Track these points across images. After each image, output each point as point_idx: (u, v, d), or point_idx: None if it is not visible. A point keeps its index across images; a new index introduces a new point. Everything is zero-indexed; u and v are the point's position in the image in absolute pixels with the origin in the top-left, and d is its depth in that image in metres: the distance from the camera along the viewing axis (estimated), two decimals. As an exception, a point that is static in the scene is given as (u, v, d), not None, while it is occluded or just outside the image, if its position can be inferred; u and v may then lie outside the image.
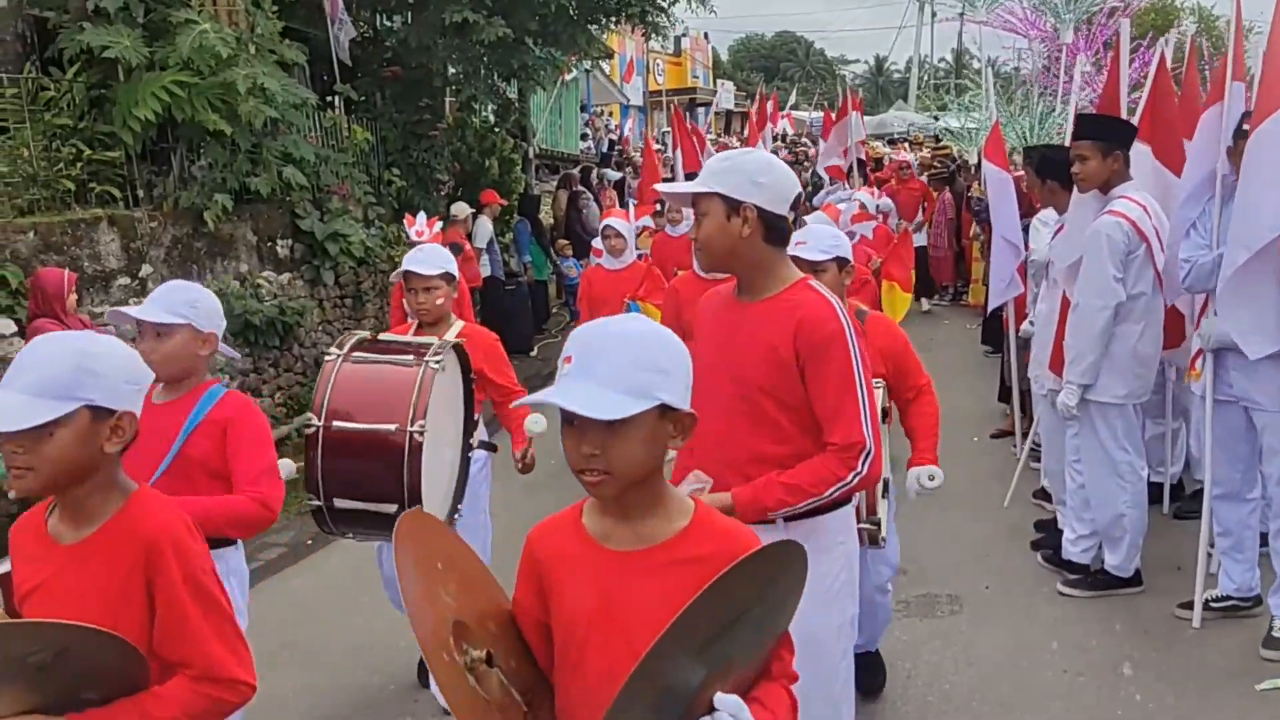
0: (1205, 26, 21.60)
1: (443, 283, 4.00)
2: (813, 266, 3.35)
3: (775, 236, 2.56)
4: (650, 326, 1.77)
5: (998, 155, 6.75)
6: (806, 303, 2.54)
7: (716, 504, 2.34)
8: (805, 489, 2.55)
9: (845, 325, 2.53)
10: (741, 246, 2.54)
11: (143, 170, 7.34)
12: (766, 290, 2.60)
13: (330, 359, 3.52)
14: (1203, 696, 3.91)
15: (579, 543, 1.79)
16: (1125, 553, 4.70)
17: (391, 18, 11.30)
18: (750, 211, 2.50)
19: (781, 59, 63.31)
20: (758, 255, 2.56)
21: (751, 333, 2.59)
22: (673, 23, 15.40)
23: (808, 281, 2.61)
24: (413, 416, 3.34)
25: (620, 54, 24.71)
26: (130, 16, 6.97)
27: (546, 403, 1.67)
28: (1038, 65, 15.00)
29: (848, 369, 2.52)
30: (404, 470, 3.31)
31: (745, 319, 2.62)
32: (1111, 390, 4.55)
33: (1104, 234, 4.42)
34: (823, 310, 2.53)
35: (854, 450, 2.54)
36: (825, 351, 2.51)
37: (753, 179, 2.50)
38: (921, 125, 23.62)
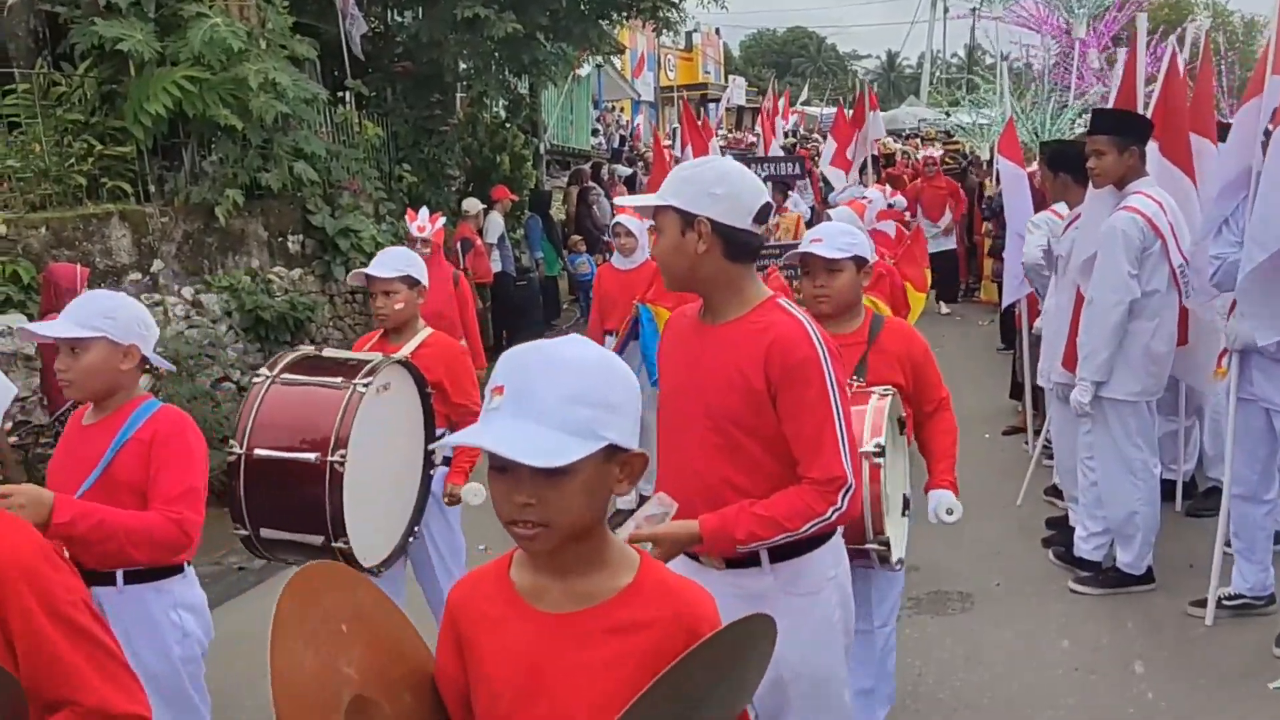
0: (1220, 21, 21.47)
1: (404, 286, 3.78)
2: (828, 265, 3.20)
3: (738, 252, 2.35)
4: (594, 352, 1.49)
5: (1012, 151, 6.71)
6: (776, 325, 2.34)
7: (682, 533, 2.27)
8: (779, 522, 2.34)
9: (819, 348, 2.33)
10: (700, 264, 2.34)
11: (154, 165, 7.36)
12: (731, 311, 2.40)
13: (259, 380, 3.36)
14: (1214, 695, 3.89)
15: (505, 601, 1.54)
16: (1137, 550, 4.67)
17: (403, 13, 11.32)
18: (704, 225, 2.30)
19: (793, 54, 63.15)
20: (719, 273, 2.36)
21: (717, 359, 2.39)
22: (684, 18, 15.38)
23: (776, 300, 2.41)
24: (334, 445, 3.15)
25: (631, 49, 24.68)
26: (142, 11, 6.99)
27: (472, 445, 1.43)
28: (1049, 61, 14.93)
29: (824, 396, 2.32)
30: (325, 502, 3.13)
31: (710, 344, 2.42)
32: (1125, 387, 4.52)
33: (1119, 230, 4.39)
34: (794, 333, 2.33)
35: (834, 485, 2.33)
36: (798, 378, 2.31)
37: (708, 190, 2.30)
38: (933, 121, 23.55)
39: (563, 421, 1.40)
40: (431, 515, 3.77)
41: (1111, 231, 4.41)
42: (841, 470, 2.33)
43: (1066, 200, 5.23)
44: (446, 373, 3.78)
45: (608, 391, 1.45)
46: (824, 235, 3.29)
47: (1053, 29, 14.48)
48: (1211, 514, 4.79)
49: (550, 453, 1.37)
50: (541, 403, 1.40)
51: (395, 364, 3.48)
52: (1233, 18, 24.62)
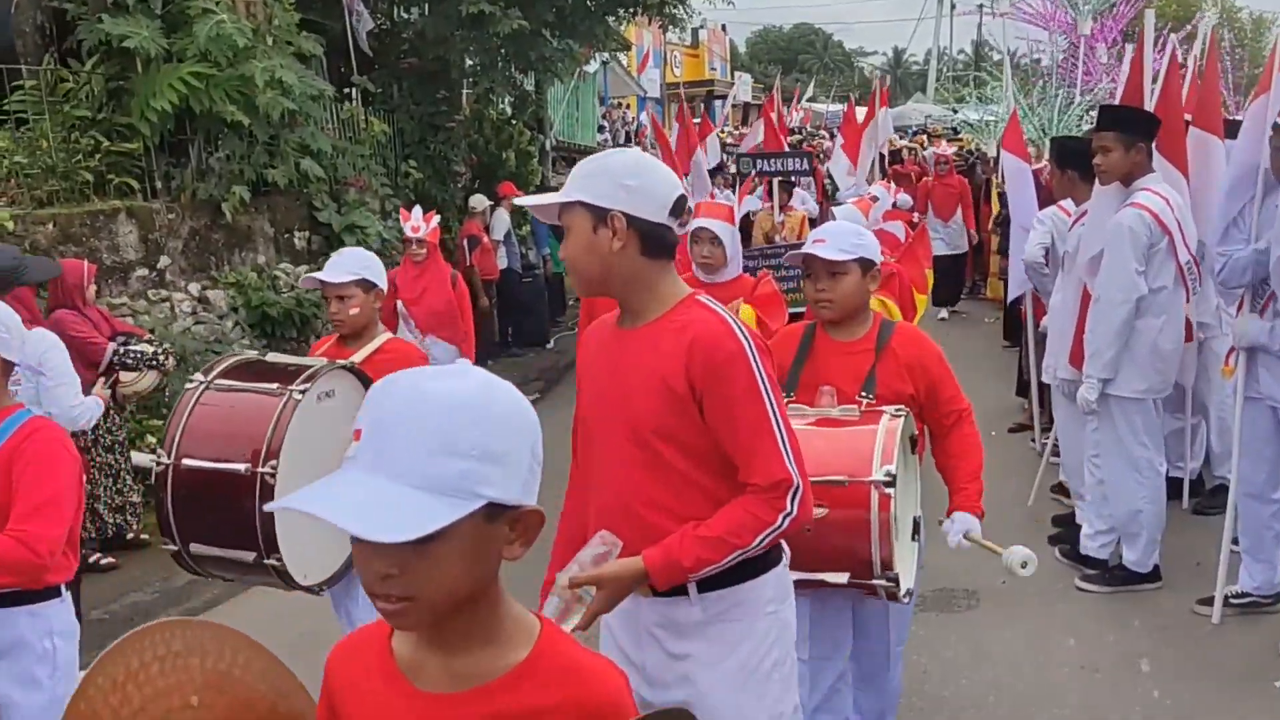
0: (1227, 18, 21.40)
1: (359, 290, 3.61)
2: (830, 268, 3.00)
3: (654, 248, 2.15)
4: (471, 386, 1.21)
5: (1016, 145, 6.71)
6: (696, 322, 2.13)
7: (626, 573, 2.08)
8: (727, 540, 2.11)
9: (745, 342, 2.12)
10: (614, 262, 2.12)
11: (161, 162, 7.37)
12: (649, 313, 2.19)
13: (191, 386, 3.21)
14: (1221, 693, 3.88)
15: (382, 674, 1.32)
16: (1143, 549, 4.66)
17: (409, 9, 11.32)
18: (619, 220, 2.09)
19: (799, 51, 63.07)
20: (634, 272, 2.15)
21: (637, 365, 2.17)
22: (690, 14, 15.36)
23: (696, 297, 2.21)
24: (265, 455, 2.98)
25: (637, 46, 24.66)
26: (148, 7, 7.00)
27: (305, 512, 1.19)
28: (1057, 57, 14.88)
29: (755, 395, 2.11)
30: (256, 516, 2.97)
31: (628, 349, 2.21)
32: (1131, 385, 4.51)
33: (1126, 226, 4.37)
34: (716, 328, 2.12)
35: (780, 489, 2.12)
36: (725, 377, 2.10)
37: (620, 182, 2.10)
38: (939, 117, 23.51)
39: (425, 479, 1.15)
40: None
41: (1119, 228, 4.40)
42: (785, 471, 2.13)
43: (1073, 197, 5.21)
44: None
45: (486, 438, 1.18)
46: (828, 236, 3.09)
47: (1060, 25, 14.43)
48: (1218, 512, 4.78)
49: (405, 522, 1.13)
50: (401, 455, 1.17)
51: (340, 370, 3.32)
52: (1241, 14, 24.55)
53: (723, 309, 2.18)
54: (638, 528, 2.14)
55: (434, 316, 6.40)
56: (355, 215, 8.74)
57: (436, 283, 6.44)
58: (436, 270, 6.47)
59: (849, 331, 3.06)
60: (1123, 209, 4.44)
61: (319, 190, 8.46)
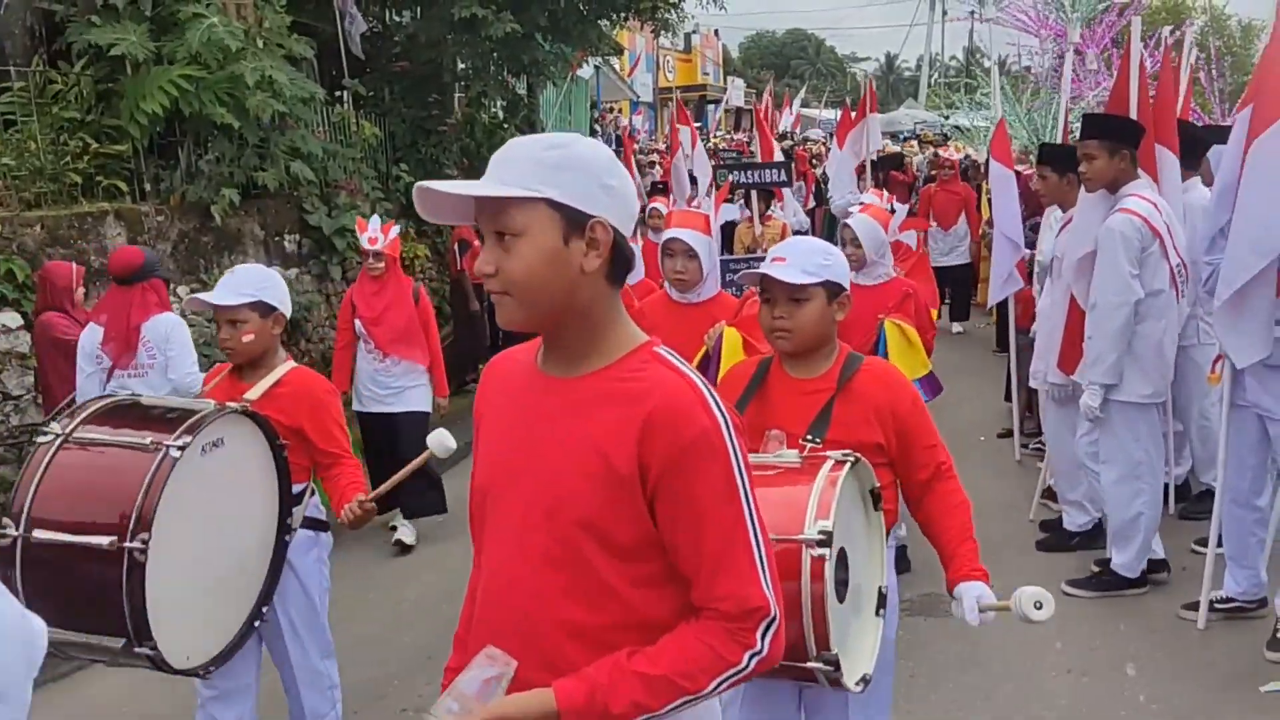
0: (1216, 26, 21.50)
1: (254, 315, 3.15)
2: (790, 292, 2.57)
3: (621, 273, 1.67)
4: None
5: (1003, 153, 6.76)
6: (657, 386, 1.61)
7: (532, 711, 1.56)
8: (675, 682, 1.59)
9: (721, 419, 1.60)
10: (581, 288, 1.62)
11: (150, 164, 7.35)
12: (593, 360, 1.67)
13: (45, 440, 2.72)
14: (1207, 697, 3.90)
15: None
16: (1135, 553, 4.68)
17: (401, 12, 11.32)
18: (603, 230, 1.61)
19: (792, 56, 63.19)
20: (595, 303, 1.65)
21: (566, 430, 1.65)
22: (683, 19, 15.39)
23: (655, 349, 1.69)
24: (134, 526, 2.53)
25: (630, 50, 24.70)
26: (138, 10, 6.98)
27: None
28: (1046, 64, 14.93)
29: (730, 492, 1.60)
30: (124, 598, 2.54)
31: (556, 406, 1.67)
32: (1137, 390, 4.52)
33: (1118, 231, 4.39)
34: (684, 397, 1.60)
35: (751, 620, 1.61)
36: (692, 465, 1.57)
37: (601, 180, 1.62)
38: (931, 123, 23.57)
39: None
40: (287, 587, 3.19)
41: (1110, 233, 4.41)
42: (761, 597, 1.61)
43: (1064, 203, 5.21)
44: (309, 416, 3.19)
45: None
46: (788, 254, 2.63)
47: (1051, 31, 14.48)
48: (1204, 517, 4.81)
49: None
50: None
51: (231, 414, 2.88)
52: (1230, 21, 24.66)
53: (689, 368, 1.67)
54: (538, 649, 1.63)
55: (396, 336, 5.85)
56: (346, 218, 8.72)
57: (398, 299, 5.87)
58: (397, 285, 5.90)
59: (809, 367, 2.64)
60: (1112, 214, 4.46)
61: (309, 193, 8.44)
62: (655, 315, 4.15)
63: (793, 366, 2.66)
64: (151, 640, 2.59)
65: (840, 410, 2.55)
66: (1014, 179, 6.64)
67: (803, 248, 2.67)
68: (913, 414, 2.62)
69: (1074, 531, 5.33)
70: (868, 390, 2.59)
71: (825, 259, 2.62)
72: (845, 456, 2.37)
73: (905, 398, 2.64)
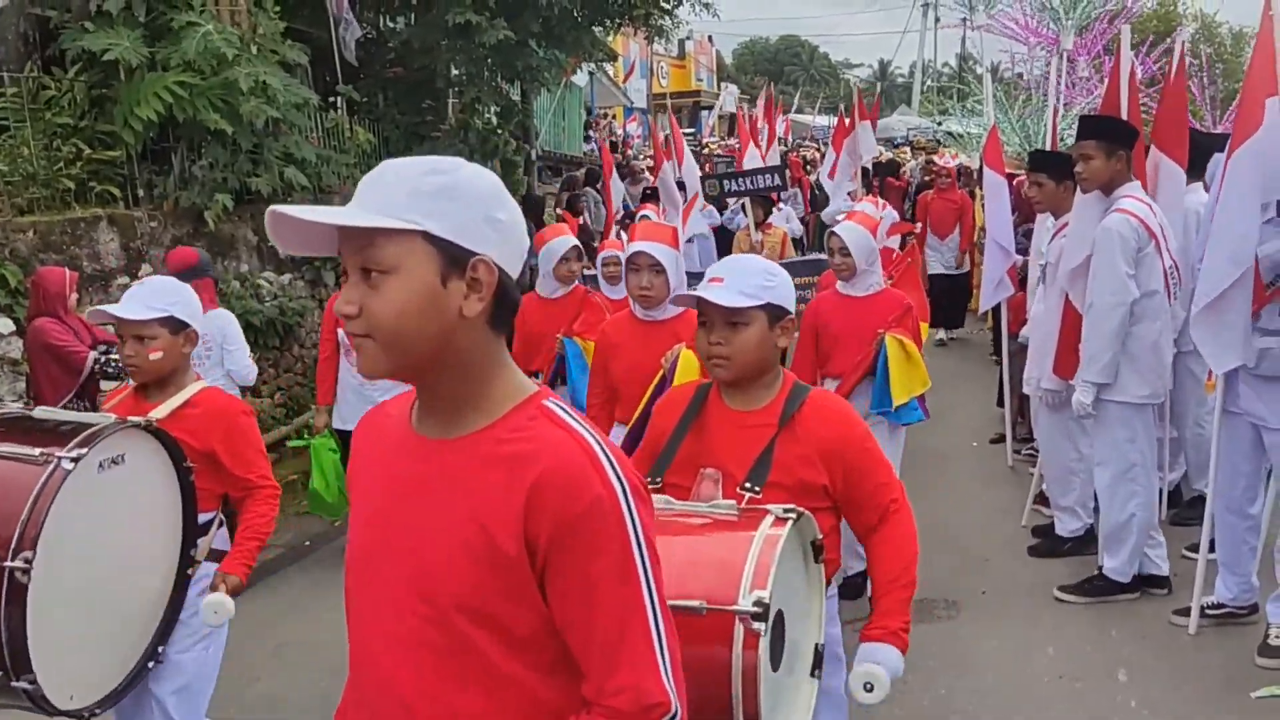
0: (1207, 34, 21.61)
1: (164, 330, 2.90)
2: (727, 316, 2.35)
3: (505, 318, 1.46)
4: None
5: (995, 159, 6.79)
6: (546, 449, 1.39)
7: None
8: None
9: (619, 487, 1.39)
10: (458, 335, 1.40)
11: (143, 169, 7.35)
12: (472, 418, 1.44)
13: None
14: (1198, 703, 3.91)
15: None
16: (1127, 557, 4.69)
17: (395, 19, 11.33)
18: (488, 271, 1.40)
19: (785, 63, 63.39)
20: (475, 353, 1.43)
21: (443, 501, 1.42)
22: (676, 25, 15.42)
23: (544, 402, 1.45)
24: (15, 544, 2.27)
25: (624, 56, 24.73)
26: (132, 17, 6.98)
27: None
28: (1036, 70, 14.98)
29: (627, 572, 1.39)
30: (1, 624, 2.28)
31: (433, 474, 1.44)
32: (1134, 390, 4.53)
33: (1115, 231, 4.40)
34: (574, 461, 1.39)
35: (649, 717, 1.41)
36: (585, 541, 1.37)
37: (487, 212, 1.41)
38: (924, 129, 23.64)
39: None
40: (182, 630, 2.87)
41: (1107, 233, 4.43)
42: (661, 691, 1.41)
43: (1059, 210, 5.21)
44: (222, 439, 2.95)
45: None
46: (728, 274, 2.39)
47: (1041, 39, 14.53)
48: (1195, 523, 4.82)
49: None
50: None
51: (132, 429, 2.62)
52: (1221, 29, 24.78)
53: (582, 425, 1.44)
54: None
55: None
56: (340, 224, 8.73)
57: None
58: None
59: (750, 397, 2.42)
60: (1109, 214, 4.48)
61: (303, 199, 8.43)
62: (619, 334, 4.00)
63: (732, 397, 2.44)
64: (31, 673, 2.32)
65: (783, 450, 2.34)
66: (1006, 185, 6.68)
67: (742, 267, 2.46)
68: (863, 453, 2.41)
69: (1066, 537, 5.34)
70: (813, 427, 2.37)
71: (767, 280, 2.40)
72: (788, 513, 2.12)
73: (854, 436, 2.42)
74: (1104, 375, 4.48)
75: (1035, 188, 5.37)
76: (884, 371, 4.35)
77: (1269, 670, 4.02)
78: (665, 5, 12.92)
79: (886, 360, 4.34)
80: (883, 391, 4.39)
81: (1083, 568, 5.00)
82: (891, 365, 4.34)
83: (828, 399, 2.51)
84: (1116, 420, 4.59)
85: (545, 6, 10.29)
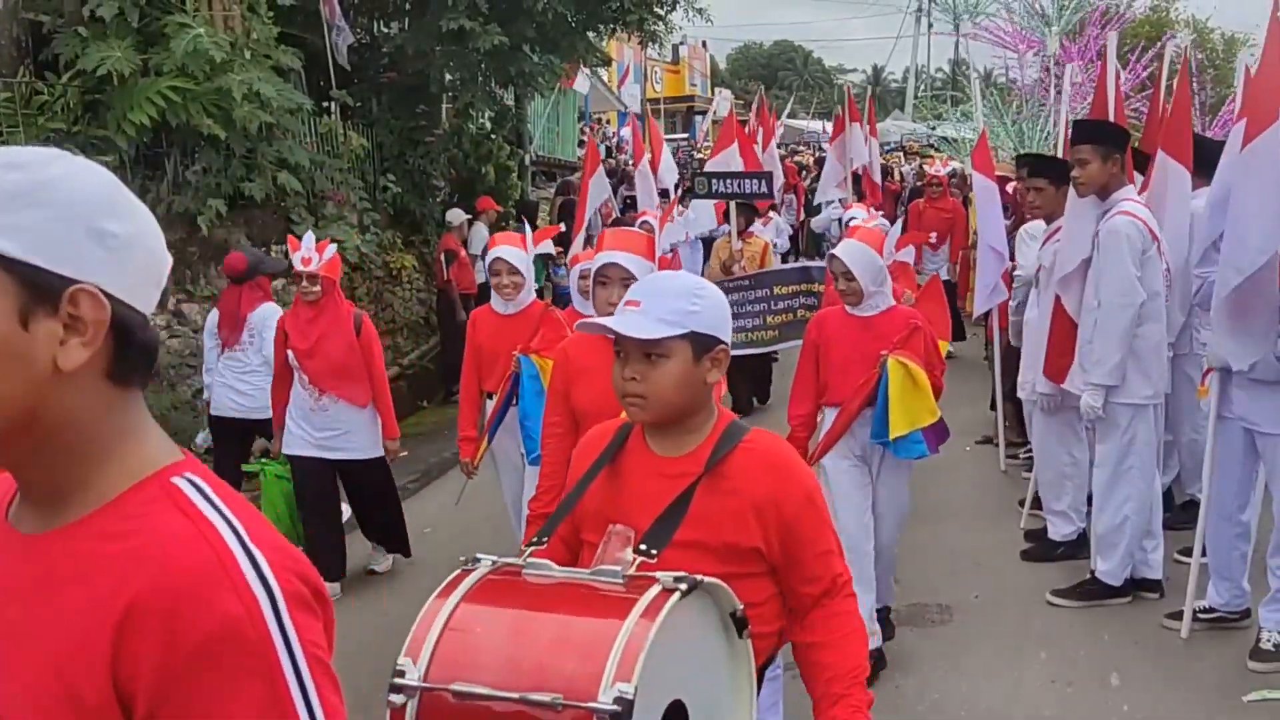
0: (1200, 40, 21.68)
1: None
2: (644, 348, 1.97)
3: (134, 367, 1.05)
4: None
5: (985, 164, 6.82)
6: (158, 548, 0.98)
7: None
8: None
9: (263, 599, 0.97)
10: (52, 396, 0.99)
11: (136, 174, 7.33)
12: (73, 504, 1.02)
13: None
14: (1190, 707, 3.92)
15: None
16: (1120, 559, 4.70)
17: (389, 24, 11.34)
18: (94, 305, 0.99)
19: (779, 68, 63.49)
20: (80, 418, 1.01)
21: (24, 626, 1.00)
22: (670, 30, 15.45)
23: (173, 480, 1.04)
24: None
25: (618, 61, 24.77)
26: (125, 22, 6.98)
27: None
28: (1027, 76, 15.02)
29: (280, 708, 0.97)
30: None
31: (22, 583, 1.02)
32: (1139, 390, 4.54)
33: (1123, 233, 4.41)
34: (196, 565, 0.97)
35: None
36: (209, 677, 0.95)
37: (92, 224, 1.01)
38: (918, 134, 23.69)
39: None
40: None
41: (1114, 235, 4.43)
42: None
43: (1056, 214, 5.21)
44: None
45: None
46: (644, 296, 2.01)
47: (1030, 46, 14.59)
48: (1187, 527, 4.83)
49: None
50: None
51: None
52: (1213, 35, 24.84)
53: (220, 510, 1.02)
54: None
55: (333, 370, 5.11)
56: (333, 229, 8.71)
57: (335, 328, 5.10)
58: (335, 312, 5.13)
59: (676, 441, 2.04)
60: (1114, 216, 4.47)
61: (296, 204, 8.43)
62: (586, 355, 3.32)
63: (655, 439, 2.06)
64: None
65: (705, 503, 1.94)
66: (997, 190, 6.70)
67: (663, 287, 2.06)
68: (805, 511, 2.00)
69: (1059, 541, 5.35)
70: (746, 476, 1.97)
71: (692, 302, 1.98)
72: (678, 581, 1.70)
73: (796, 489, 2.00)
74: (1113, 377, 4.48)
75: (1035, 193, 5.36)
76: (884, 397, 4.01)
77: (1261, 674, 4.03)
78: (659, 10, 12.94)
79: (887, 385, 4.00)
80: (881, 420, 4.03)
81: (1075, 572, 5.00)
82: (892, 391, 3.98)
83: (767, 442, 2.07)
84: (1123, 422, 4.59)
85: (539, 12, 10.31)
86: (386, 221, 10.21)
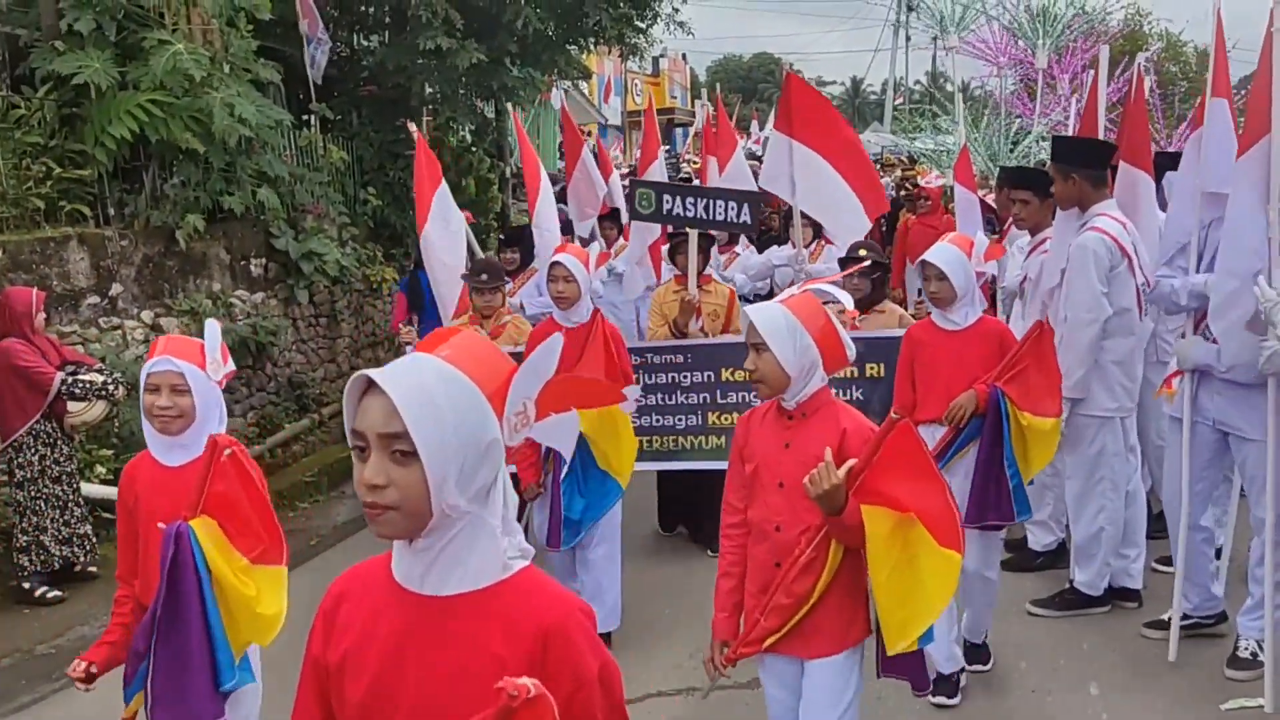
0: (1172, 53, 21.94)
1: None
2: None
3: None
4: None
5: (966, 177, 6.86)
6: None
7: None
8: None
9: None
10: None
11: (114, 188, 7.29)
12: None
13: None
14: (1169, 715, 3.94)
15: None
16: (1097, 569, 4.73)
17: (369, 37, 11.33)
18: None
19: (759, 80, 63.75)
20: None
21: None
22: (650, 43, 15.51)
23: None
24: None
25: (599, 74, 24.83)
26: (103, 37, 6.95)
27: None
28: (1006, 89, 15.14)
29: None
30: None
31: None
32: (1102, 403, 4.59)
33: (1089, 249, 4.47)
34: None
35: None
36: None
37: None
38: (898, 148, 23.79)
39: None
40: None
41: (1082, 251, 4.49)
42: None
43: (1040, 226, 5.24)
44: None
45: None
46: None
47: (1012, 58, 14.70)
48: (1164, 536, 4.86)
49: None
50: None
51: None
52: (1186, 48, 25.14)
53: None
54: None
55: None
56: (313, 242, 8.69)
57: None
58: None
59: None
60: (1082, 232, 4.54)
61: (276, 217, 8.40)
62: None
63: None
64: None
65: None
66: (977, 204, 6.75)
67: None
68: None
69: (1039, 551, 5.38)
70: None
71: None
72: None
73: None
74: (1078, 390, 4.53)
75: (1020, 205, 5.39)
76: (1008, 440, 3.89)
77: (1238, 682, 4.06)
78: (639, 24, 13.00)
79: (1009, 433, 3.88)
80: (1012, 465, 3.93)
81: (1055, 582, 5.03)
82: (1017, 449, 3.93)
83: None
84: (1084, 433, 4.64)
85: (520, 27, 10.34)
86: (366, 235, 10.19)
